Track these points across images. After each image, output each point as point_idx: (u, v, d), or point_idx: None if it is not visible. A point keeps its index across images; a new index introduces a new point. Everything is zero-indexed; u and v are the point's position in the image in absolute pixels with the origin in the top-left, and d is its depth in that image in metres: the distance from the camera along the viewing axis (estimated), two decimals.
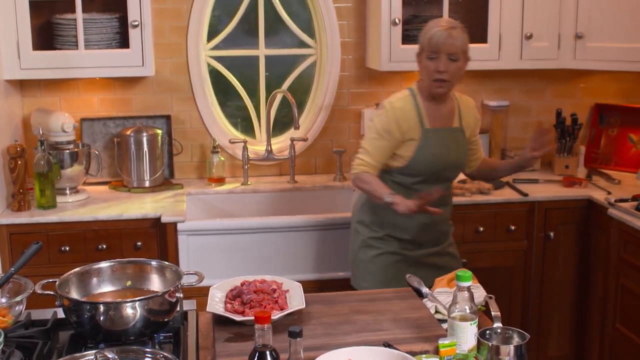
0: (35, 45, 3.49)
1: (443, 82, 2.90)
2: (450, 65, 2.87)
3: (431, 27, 2.92)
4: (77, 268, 2.15)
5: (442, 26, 2.89)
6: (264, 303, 2.16)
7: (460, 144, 3.04)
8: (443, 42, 2.85)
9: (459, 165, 3.08)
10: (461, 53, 2.88)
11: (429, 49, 2.89)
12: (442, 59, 2.86)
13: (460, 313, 1.90)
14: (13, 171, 3.35)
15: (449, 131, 3.00)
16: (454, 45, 2.86)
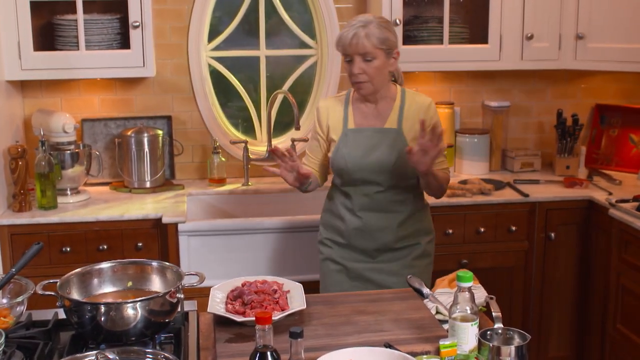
0: (36, 46, 3.50)
1: (362, 84, 2.74)
2: (365, 66, 2.70)
3: (344, 27, 2.76)
4: (78, 269, 2.15)
5: (352, 25, 2.70)
6: (265, 304, 2.16)
7: (389, 146, 2.79)
8: (349, 44, 2.68)
9: (383, 168, 2.80)
10: (376, 51, 2.68)
11: (340, 51, 2.76)
12: (355, 61, 2.70)
13: (461, 314, 1.90)
14: (14, 172, 3.35)
15: (375, 131, 2.82)
16: (363, 46, 2.66)
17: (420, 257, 2.92)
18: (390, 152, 2.79)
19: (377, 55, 2.69)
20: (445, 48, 3.77)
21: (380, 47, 2.68)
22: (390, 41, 2.72)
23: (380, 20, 2.73)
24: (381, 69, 2.72)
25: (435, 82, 4.12)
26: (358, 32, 2.67)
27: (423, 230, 2.94)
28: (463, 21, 3.87)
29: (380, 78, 2.74)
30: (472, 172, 4.02)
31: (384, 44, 2.69)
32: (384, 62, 2.72)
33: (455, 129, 4.09)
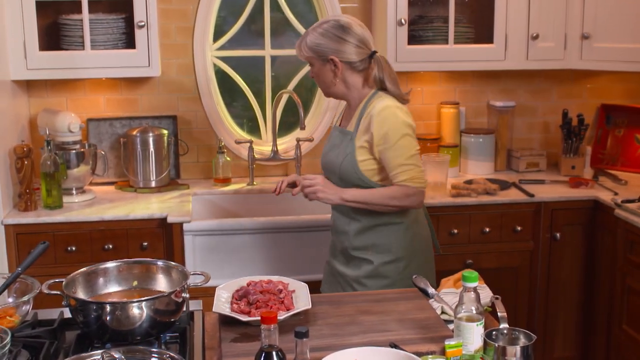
0: (42, 46, 3.50)
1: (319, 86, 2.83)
2: (311, 71, 2.79)
3: None
4: (84, 268, 2.15)
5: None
6: (270, 303, 2.16)
7: (342, 148, 2.75)
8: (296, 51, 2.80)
9: (333, 169, 2.77)
10: (310, 58, 2.73)
11: None
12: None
13: (467, 314, 1.90)
14: (20, 171, 3.36)
15: (339, 131, 2.83)
16: (301, 53, 2.75)
17: (371, 276, 2.75)
18: (339, 154, 2.76)
19: (314, 62, 2.73)
20: (451, 48, 3.76)
21: (311, 54, 2.71)
22: (320, 48, 2.69)
23: (325, 25, 2.71)
24: (320, 75, 2.74)
25: (440, 82, 4.12)
26: (300, 42, 2.76)
27: (381, 247, 2.75)
28: (468, 21, 3.86)
29: (323, 83, 2.76)
30: (477, 172, 4.01)
31: (314, 51, 2.70)
32: (320, 69, 2.73)
33: (461, 128, 4.09)
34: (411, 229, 2.77)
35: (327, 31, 2.69)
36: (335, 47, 2.68)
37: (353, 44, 2.69)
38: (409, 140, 2.67)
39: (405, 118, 2.70)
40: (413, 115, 4.04)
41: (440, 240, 3.52)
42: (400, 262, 2.74)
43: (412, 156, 2.67)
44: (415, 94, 4.10)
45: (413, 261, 2.76)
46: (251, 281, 2.31)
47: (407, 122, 2.70)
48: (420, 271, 2.65)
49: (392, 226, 2.74)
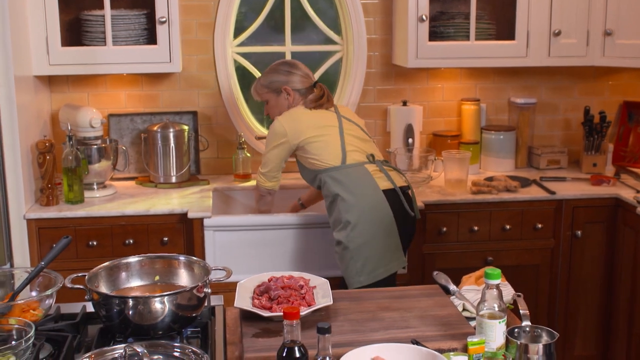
0: (64, 42, 3.52)
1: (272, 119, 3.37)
2: (266, 107, 3.42)
3: None
4: (107, 262, 2.16)
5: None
6: (292, 299, 2.16)
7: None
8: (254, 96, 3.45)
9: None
10: (265, 95, 3.36)
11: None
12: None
13: (489, 311, 1.89)
14: (42, 166, 3.38)
15: None
16: (257, 94, 3.40)
17: (336, 244, 3.14)
18: None
19: (267, 98, 3.37)
20: (472, 44, 3.75)
21: (265, 91, 3.35)
22: (275, 83, 3.32)
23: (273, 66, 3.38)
24: (274, 107, 3.36)
25: (460, 79, 4.10)
26: (253, 88, 3.43)
27: (337, 219, 3.14)
28: (490, 17, 3.84)
29: (276, 113, 3.34)
30: (498, 169, 3.99)
31: (269, 87, 3.34)
32: (275, 101, 3.35)
33: (481, 125, 4.07)
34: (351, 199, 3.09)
35: (275, 69, 3.35)
36: (285, 80, 3.31)
37: (299, 75, 3.32)
38: (272, 149, 3.30)
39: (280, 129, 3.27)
40: (433, 111, 4.08)
41: (461, 237, 3.54)
42: (347, 227, 3.08)
43: (265, 164, 3.36)
44: (436, 90, 4.09)
45: (359, 223, 3.07)
46: (272, 277, 2.32)
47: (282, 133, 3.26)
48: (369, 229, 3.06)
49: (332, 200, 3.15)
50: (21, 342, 1.77)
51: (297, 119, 3.24)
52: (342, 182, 3.13)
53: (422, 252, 3.50)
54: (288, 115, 3.26)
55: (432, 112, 4.10)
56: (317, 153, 3.18)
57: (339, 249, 3.12)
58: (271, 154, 3.27)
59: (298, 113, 3.27)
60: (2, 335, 1.90)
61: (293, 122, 3.23)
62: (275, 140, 3.24)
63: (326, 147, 3.18)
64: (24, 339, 1.78)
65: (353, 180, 3.13)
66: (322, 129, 3.21)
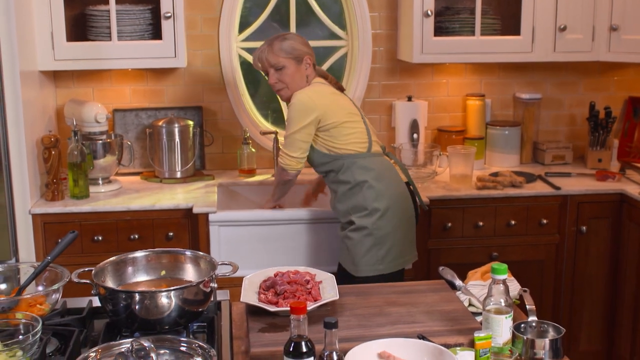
0: (69, 37, 3.52)
1: (280, 90, 3.16)
2: (279, 75, 3.11)
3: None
4: (113, 257, 2.16)
5: (260, 48, 3.16)
6: (298, 294, 2.16)
7: None
8: (258, 61, 3.15)
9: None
10: (283, 60, 3.08)
11: (259, 69, 3.21)
12: (270, 73, 3.13)
13: (496, 306, 1.89)
14: (47, 161, 3.38)
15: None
16: (269, 60, 3.10)
17: (354, 230, 3.06)
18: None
19: (285, 64, 3.09)
20: (477, 39, 3.74)
21: (286, 56, 3.08)
22: (297, 50, 3.09)
23: (286, 35, 3.14)
24: (294, 75, 3.11)
25: (466, 74, 4.10)
26: (263, 49, 3.13)
27: (357, 207, 3.06)
28: (495, 12, 3.84)
29: (295, 83, 3.11)
30: (503, 165, 3.99)
31: (290, 53, 3.08)
32: (295, 69, 3.10)
33: (486, 121, 4.07)
34: (378, 185, 3.05)
35: (295, 39, 3.13)
36: (307, 50, 3.13)
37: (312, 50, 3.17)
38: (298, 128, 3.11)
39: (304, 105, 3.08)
40: (438, 107, 4.08)
41: (466, 233, 3.53)
42: (374, 214, 3.02)
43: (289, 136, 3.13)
44: (441, 85, 4.09)
45: (388, 211, 3.04)
46: (278, 272, 2.32)
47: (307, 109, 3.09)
48: (395, 218, 3.05)
49: (357, 186, 3.06)
50: (28, 336, 1.77)
51: (327, 97, 3.10)
52: (371, 169, 3.05)
53: (427, 248, 3.50)
54: (316, 91, 3.09)
55: (437, 107, 4.09)
56: (345, 138, 3.06)
57: (358, 235, 3.03)
58: (302, 133, 3.06)
59: (325, 92, 3.13)
60: (9, 330, 1.90)
61: (324, 99, 3.07)
62: (305, 117, 3.03)
63: (354, 133, 3.08)
64: (31, 334, 1.78)
65: (381, 168, 3.09)
66: (350, 115, 3.11)
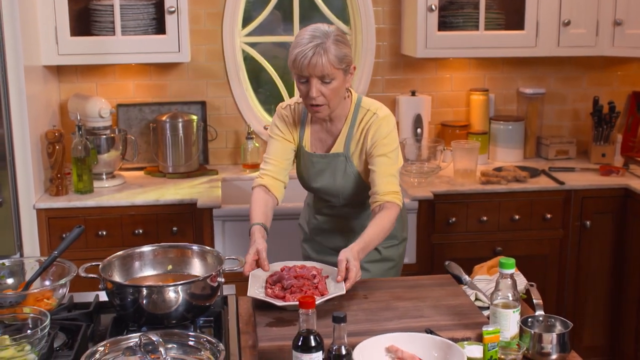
0: (73, 31, 3.52)
1: (319, 107, 2.46)
2: (324, 88, 2.42)
3: (295, 44, 2.44)
4: (120, 252, 2.17)
5: (305, 45, 2.39)
6: (305, 288, 2.16)
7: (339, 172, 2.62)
8: (307, 66, 2.38)
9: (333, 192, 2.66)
10: (335, 71, 2.39)
11: (294, 72, 2.45)
12: (312, 83, 2.41)
13: (503, 300, 1.89)
14: (51, 156, 3.38)
15: (321, 157, 2.64)
16: (322, 67, 2.37)
17: (376, 261, 2.69)
18: (334, 178, 2.62)
19: (336, 76, 2.41)
20: (481, 34, 3.73)
21: (339, 66, 2.40)
22: (348, 58, 2.44)
23: (337, 34, 2.43)
24: (338, 90, 2.45)
25: (469, 69, 4.09)
26: (317, 52, 2.37)
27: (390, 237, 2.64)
28: (499, 7, 3.83)
29: (337, 99, 2.48)
30: (506, 159, 3.99)
31: (343, 62, 2.41)
32: (342, 82, 2.44)
33: (490, 115, 4.06)
34: (403, 213, 2.76)
35: (343, 39, 2.44)
36: (351, 56, 2.49)
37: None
38: (398, 152, 2.58)
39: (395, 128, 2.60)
40: (442, 102, 4.07)
41: (470, 227, 3.53)
42: (402, 244, 2.79)
43: (398, 170, 2.57)
44: (444, 80, 4.08)
45: (405, 241, 2.84)
46: (285, 266, 2.32)
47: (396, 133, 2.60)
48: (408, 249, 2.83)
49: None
50: (37, 331, 1.78)
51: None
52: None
53: (431, 242, 3.50)
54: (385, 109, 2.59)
55: (440, 102, 4.09)
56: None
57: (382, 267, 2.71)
58: (398, 153, 2.59)
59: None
60: (17, 324, 1.91)
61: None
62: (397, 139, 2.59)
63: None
64: (39, 328, 1.78)
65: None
66: None
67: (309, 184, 2.71)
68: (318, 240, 2.83)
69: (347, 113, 2.57)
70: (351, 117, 2.57)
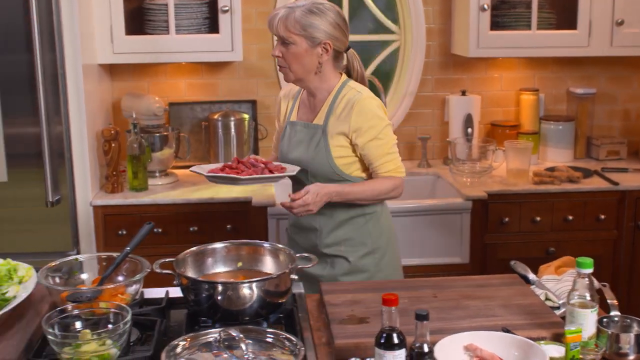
0: (128, 30, 3.55)
1: (281, 69, 2.58)
2: (285, 50, 2.52)
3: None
4: (193, 247, 2.18)
5: (282, 7, 2.54)
6: (257, 165, 2.54)
7: (312, 143, 2.61)
8: (269, 24, 2.54)
9: (305, 166, 2.61)
10: (293, 36, 2.47)
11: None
12: (276, 45, 2.56)
13: (581, 300, 1.88)
14: (107, 154, 3.41)
15: (303, 126, 2.65)
16: (279, 27, 2.49)
17: (348, 273, 2.63)
18: (308, 150, 2.61)
19: (296, 41, 2.49)
20: (533, 34, 3.72)
21: (298, 32, 2.48)
22: (316, 29, 2.48)
23: (314, 5, 2.51)
24: (300, 57, 2.51)
25: (519, 68, 4.08)
26: (281, 14, 2.51)
27: (355, 241, 2.64)
28: (551, 6, 3.81)
29: (299, 67, 2.53)
30: (557, 160, 3.96)
31: (306, 30, 2.47)
32: (305, 50, 2.50)
33: (540, 115, 4.04)
34: (382, 219, 2.69)
35: (324, 16, 2.51)
36: (331, 33, 2.52)
37: (345, 33, 2.58)
38: (390, 129, 2.59)
39: (382, 108, 2.60)
40: (491, 101, 4.06)
41: (522, 228, 3.52)
42: (376, 254, 2.63)
43: (394, 145, 2.59)
44: (494, 80, 4.07)
45: (388, 251, 2.69)
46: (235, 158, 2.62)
47: (384, 112, 2.60)
48: (394, 261, 2.70)
49: (364, 217, 2.64)
50: (119, 325, 1.79)
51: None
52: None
53: (484, 242, 3.49)
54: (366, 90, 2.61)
55: (489, 102, 4.08)
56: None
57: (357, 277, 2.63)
58: (389, 130, 2.59)
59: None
60: (93, 319, 1.92)
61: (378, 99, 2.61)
62: (386, 119, 2.58)
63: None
64: (121, 323, 1.80)
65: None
66: None
67: (286, 155, 2.69)
68: (295, 239, 2.79)
69: (332, 89, 2.61)
70: (335, 92, 2.60)
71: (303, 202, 2.49)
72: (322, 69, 2.56)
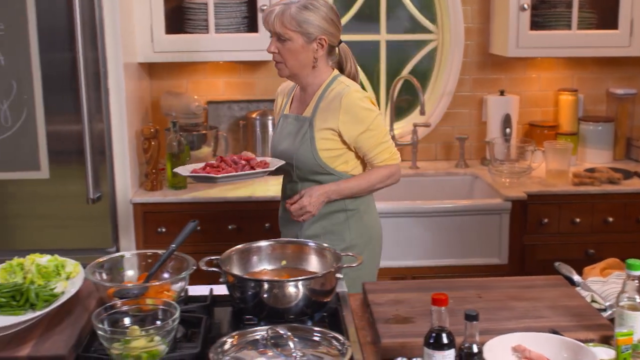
0: (168, 29, 3.57)
1: (277, 64, 2.63)
2: (280, 46, 2.58)
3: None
4: (239, 245, 2.19)
5: (278, 4, 2.59)
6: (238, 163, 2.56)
7: (299, 135, 2.65)
8: (265, 20, 2.60)
9: (288, 158, 2.65)
10: (288, 32, 2.53)
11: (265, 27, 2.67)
12: (272, 41, 2.61)
13: (630, 302, 1.86)
14: (147, 152, 3.44)
15: (293, 119, 2.70)
16: (275, 24, 2.55)
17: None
18: (295, 141, 2.64)
19: (291, 37, 2.54)
20: (574, 33, 3.69)
21: (294, 28, 2.54)
22: (311, 25, 2.54)
23: (309, 1, 2.55)
24: (296, 52, 2.57)
25: (558, 69, 4.04)
26: (277, 10, 2.56)
27: (333, 235, 2.66)
28: (591, 6, 3.78)
29: (295, 62, 2.59)
30: (596, 161, 3.93)
31: (301, 26, 2.53)
32: (300, 46, 2.56)
33: (579, 116, 4.01)
34: (364, 216, 2.70)
35: (318, 11, 2.55)
36: (326, 28, 2.57)
37: (338, 28, 2.63)
38: (380, 119, 2.63)
39: (371, 100, 2.64)
40: (530, 101, 4.03)
41: (562, 229, 3.49)
42: (353, 251, 2.53)
43: (386, 134, 2.65)
44: (532, 80, 4.04)
45: (365, 251, 2.67)
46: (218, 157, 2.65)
47: (373, 104, 2.64)
48: (370, 262, 2.67)
49: (345, 213, 2.67)
50: (168, 322, 1.80)
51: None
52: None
53: (523, 243, 3.47)
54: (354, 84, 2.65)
55: (528, 102, 4.05)
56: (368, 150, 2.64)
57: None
58: (380, 120, 2.63)
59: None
60: (140, 315, 1.93)
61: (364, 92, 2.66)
62: (374, 109, 2.62)
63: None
64: (170, 320, 1.80)
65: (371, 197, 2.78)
66: None
67: (276, 147, 2.73)
68: (282, 231, 2.84)
69: (322, 83, 2.64)
70: (324, 86, 2.64)
71: (299, 206, 2.59)
72: (317, 63, 2.61)
